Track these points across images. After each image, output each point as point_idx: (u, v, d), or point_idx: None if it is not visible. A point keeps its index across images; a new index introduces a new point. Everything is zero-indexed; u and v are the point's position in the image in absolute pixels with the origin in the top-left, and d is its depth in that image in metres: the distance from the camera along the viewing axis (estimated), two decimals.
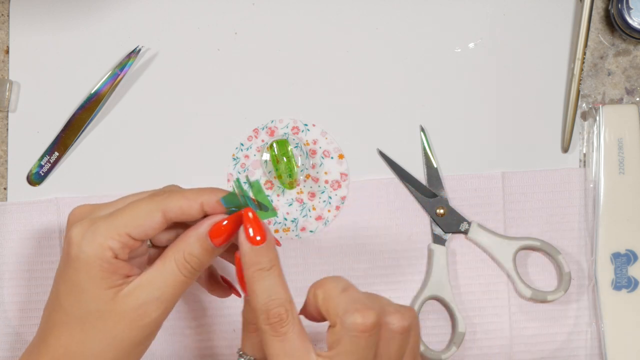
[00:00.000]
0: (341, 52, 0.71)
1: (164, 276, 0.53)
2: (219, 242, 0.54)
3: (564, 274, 0.67)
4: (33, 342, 0.56)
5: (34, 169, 0.70)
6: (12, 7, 0.72)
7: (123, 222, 0.53)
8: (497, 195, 0.69)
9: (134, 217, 0.53)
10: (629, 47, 0.71)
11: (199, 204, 0.54)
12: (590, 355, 0.68)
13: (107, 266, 0.52)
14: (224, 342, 0.69)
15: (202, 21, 0.71)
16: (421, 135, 0.70)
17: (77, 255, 0.52)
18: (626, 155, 0.68)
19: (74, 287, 0.53)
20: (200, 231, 0.54)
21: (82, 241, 0.52)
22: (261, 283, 0.52)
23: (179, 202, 0.53)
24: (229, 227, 0.54)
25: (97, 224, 0.53)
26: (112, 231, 0.52)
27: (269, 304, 0.52)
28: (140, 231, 0.53)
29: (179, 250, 0.54)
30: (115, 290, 0.53)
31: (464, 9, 0.71)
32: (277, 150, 0.68)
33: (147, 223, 0.53)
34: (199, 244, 0.54)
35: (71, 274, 0.53)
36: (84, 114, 0.70)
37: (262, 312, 0.52)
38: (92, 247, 0.52)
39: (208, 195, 0.54)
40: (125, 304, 0.53)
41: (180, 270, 0.54)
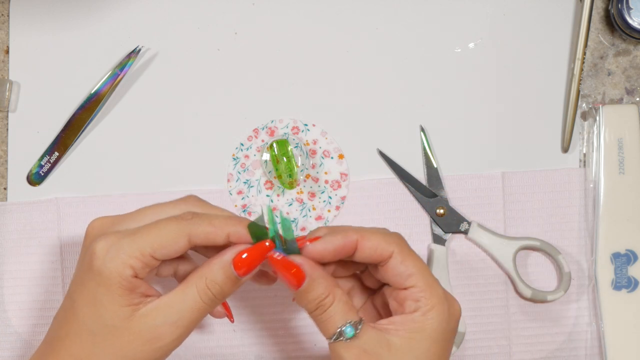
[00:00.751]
0: (341, 52, 0.71)
1: (183, 301, 0.53)
2: (242, 273, 0.53)
3: (564, 274, 0.67)
4: (41, 348, 0.55)
5: (34, 169, 0.70)
6: (12, 7, 0.72)
7: (149, 242, 0.52)
8: (497, 195, 0.69)
9: (160, 239, 0.53)
10: (629, 47, 0.71)
11: (226, 234, 0.53)
12: (590, 355, 0.68)
13: (126, 284, 0.52)
14: (224, 342, 0.69)
15: (202, 21, 0.71)
16: (421, 135, 0.70)
17: (100, 270, 0.52)
18: (626, 155, 0.68)
19: (92, 299, 0.53)
20: (225, 259, 0.53)
21: (107, 256, 0.52)
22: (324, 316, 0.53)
23: (205, 229, 0.53)
24: (254, 258, 0.53)
25: (122, 241, 0.52)
26: (137, 250, 0.52)
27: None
28: (164, 253, 0.53)
29: (201, 277, 0.53)
30: (133, 309, 0.52)
31: (464, 9, 0.71)
32: (277, 150, 0.68)
33: (172, 246, 0.53)
34: (222, 272, 0.53)
35: (91, 286, 0.53)
36: (84, 114, 0.70)
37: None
38: (115, 263, 0.52)
39: (235, 226, 0.54)
40: (141, 324, 0.52)
41: (201, 296, 0.53)
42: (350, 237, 0.53)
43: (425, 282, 0.53)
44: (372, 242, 0.53)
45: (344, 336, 0.52)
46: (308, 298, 0.53)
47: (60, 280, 0.69)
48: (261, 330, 0.69)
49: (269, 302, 0.69)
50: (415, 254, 0.54)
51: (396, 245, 0.53)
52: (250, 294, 0.69)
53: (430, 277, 0.53)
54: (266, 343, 0.69)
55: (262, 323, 0.69)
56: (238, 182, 0.70)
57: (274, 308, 0.69)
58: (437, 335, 0.53)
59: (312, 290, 0.53)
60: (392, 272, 0.53)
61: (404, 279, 0.53)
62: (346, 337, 0.52)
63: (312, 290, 0.53)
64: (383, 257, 0.53)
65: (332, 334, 0.53)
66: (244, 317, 0.69)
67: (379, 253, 0.53)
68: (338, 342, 0.52)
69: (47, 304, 0.69)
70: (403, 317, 0.53)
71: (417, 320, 0.52)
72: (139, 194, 0.70)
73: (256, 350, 0.69)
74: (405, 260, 0.53)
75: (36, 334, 0.69)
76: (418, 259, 0.54)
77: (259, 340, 0.69)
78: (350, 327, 0.52)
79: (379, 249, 0.53)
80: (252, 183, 0.70)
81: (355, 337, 0.52)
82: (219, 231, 0.53)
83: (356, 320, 0.53)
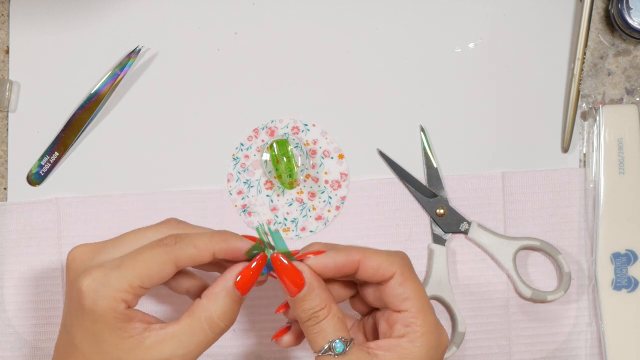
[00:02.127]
0: (341, 52, 0.71)
1: (192, 334, 0.53)
2: (246, 291, 0.54)
3: (564, 274, 0.67)
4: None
5: (34, 169, 0.70)
6: (12, 7, 0.72)
7: (135, 273, 0.52)
8: (497, 195, 0.69)
9: (146, 269, 0.52)
10: (629, 47, 0.71)
11: (211, 253, 0.53)
12: (590, 355, 0.68)
13: (121, 317, 0.52)
14: (224, 342, 0.69)
15: (202, 21, 0.71)
16: (421, 135, 0.70)
17: (92, 309, 0.52)
18: (626, 155, 0.68)
19: (92, 336, 0.52)
20: (228, 286, 0.54)
21: (96, 295, 0.52)
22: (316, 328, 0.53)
23: (190, 251, 0.53)
24: (254, 275, 0.54)
25: (109, 276, 0.52)
26: (125, 284, 0.52)
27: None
28: (152, 282, 0.53)
29: (208, 309, 0.53)
30: (137, 340, 0.52)
31: (464, 9, 0.71)
32: (277, 150, 0.68)
33: (159, 274, 0.53)
34: (229, 299, 0.54)
35: (88, 324, 0.52)
36: (84, 114, 0.70)
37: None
38: (106, 300, 0.52)
39: (220, 244, 0.54)
40: (148, 356, 0.52)
41: (212, 329, 0.53)
42: (353, 256, 0.53)
43: (419, 308, 0.53)
44: (375, 261, 0.53)
45: (333, 351, 0.52)
46: (303, 307, 0.53)
47: (60, 280, 0.69)
48: (261, 330, 0.69)
49: (269, 302, 0.69)
50: (416, 277, 0.54)
51: (399, 267, 0.53)
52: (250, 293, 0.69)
53: (425, 303, 0.53)
54: (266, 343, 0.69)
55: (262, 323, 0.69)
56: (238, 182, 0.70)
57: (273, 308, 0.69)
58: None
59: (309, 299, 0.52)
60: (389, 293, 0.53)
61: (399, 302, 0.53)
62: (335, 352, 0.52)
63: (309, 300, 0.52)
64: (384, 277, 0.53)
65: (321, 347, 0.53)
66: (244, 317, 0.69)
67: (380, 273, 0.53)
68: (326, 356, 0.52)
69: (47, 304, 0.69)
70: (391, 341, 0.53)
71: (405, 347, 0.52)
72: (139, 194, 0.70)
73: (256, 350, 0.69)
74: (404, 282, 0.53)
75: (36, 334, 0.69)
76: (417, 283, 0.54)
77: (259, 340, 0.69)
78: (340, 343, 0.52)
79: (381, 269, 0.53)
80: (252, 183, 0.70)
81: (344, 353, 0.52)
82: (204, 252, 0.53)
83: (347, 338, 0.52)
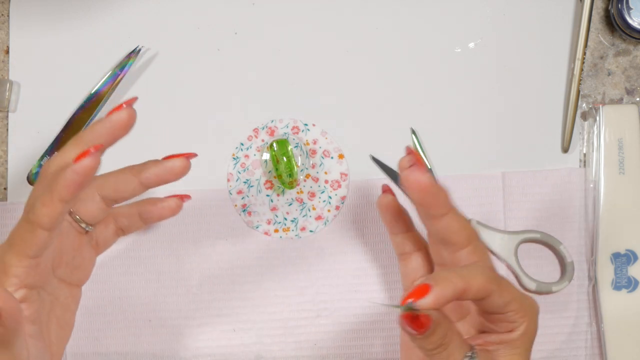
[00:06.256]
0: (341, 52, 0.71)
1: None
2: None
3: (567, 264, 0.67)
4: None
5: (34, 169, 0.70)
6: (12, 7, 0.72)
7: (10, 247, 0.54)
8: (497, 195, 0.69)
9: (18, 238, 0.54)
10: (629, 47, 0.71)
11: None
12: (591, 355, 0.68)
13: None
14: (224, 342, 0.69)
15: (202, 21, 0.71)
16: (412, 138, 0.70)
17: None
18: (626, 155, 0.68)
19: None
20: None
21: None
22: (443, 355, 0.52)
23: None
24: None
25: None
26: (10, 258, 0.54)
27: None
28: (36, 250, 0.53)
29: None
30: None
31: (464, 9, 0.71)
32: (277, 150, 0.68)
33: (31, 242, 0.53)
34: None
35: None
36: (84, 114, 0.70)
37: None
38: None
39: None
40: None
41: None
42: (459, 287, 0.50)
43: (519, 305, 0.53)
44: (476, 286, 0.51)
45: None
46: (430, 340, 0.51)
47: None
48: (261, 330, 0.69)
49: (269, 302, 0.69)
50: (506, 280, 0.53)
51: (495, 282, 0.52)
52: (250, 293, 0.69)
53: (521, 297, 0.53)
54: (266, 343, 0.69)
55: (262, 323, 0.69)
56: (238, 182, 0.70)
57: (274, 308, 0.69)
58: (531, 343, 0.54)
59: (435, 333, 0.51)
60: (490, 305, 0.52)
61: (501, 308, 0.52)
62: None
63: (435, 334, 0.51)
64: (485, 296, 0.52)
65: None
66: (244, 317, 0.69)
67: (481, 295, 0.52)
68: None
69: None
70: (500, 336, 0.53)
71: (516, 339, 0.53)
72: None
73: (256, 350, 0.69)
74: (502, 292, 0.52)
75: None
76: (510, 285, 0.53)
77: (259, 340, 0.69)
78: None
79: (482, 292, 0.51)
80: (252, 183, 0.70)
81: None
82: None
83: (471, 351, 0.52)
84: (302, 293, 0.69)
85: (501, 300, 0.52)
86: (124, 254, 0.69)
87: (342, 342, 0.69)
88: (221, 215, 0.69)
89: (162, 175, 0.58)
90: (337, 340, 0.69)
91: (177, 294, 0.69)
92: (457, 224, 0.55)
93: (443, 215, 0.54)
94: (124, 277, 0.69)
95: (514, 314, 0.53)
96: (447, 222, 0.55)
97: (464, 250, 0.55)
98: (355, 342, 0.69)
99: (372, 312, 0.69)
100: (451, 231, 0.55)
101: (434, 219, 0.55)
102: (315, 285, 0.69)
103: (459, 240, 0.55)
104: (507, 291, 0.52)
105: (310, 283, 0.69)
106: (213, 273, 0.69)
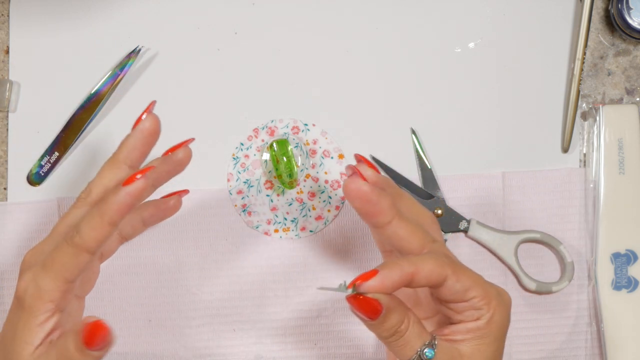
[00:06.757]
0: (341, 52, 0.71)
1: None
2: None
3: (566, 264, 0.67)
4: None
5: (34, 169, 0.70)
6: (12, 7, 0.72)
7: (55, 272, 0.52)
8: (497, 195, 0.69)
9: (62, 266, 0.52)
10: (629, 47, 0.71)
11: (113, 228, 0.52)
12: (591, 355, 0.68)
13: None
14: (224, 342, 0.69)
15: (202, 21, 0.71)
16: (412, 138, 0.70)
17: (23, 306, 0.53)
18: (626, 155, 0.68)
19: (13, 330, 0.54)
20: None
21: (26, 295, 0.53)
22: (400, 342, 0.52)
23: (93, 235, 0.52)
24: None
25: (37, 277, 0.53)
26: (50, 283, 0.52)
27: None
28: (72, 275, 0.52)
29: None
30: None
31: (464, 9, 0.71)
32: (277, 150, 0.68)
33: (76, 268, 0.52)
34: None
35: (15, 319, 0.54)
36: (84, 114, 0.70)
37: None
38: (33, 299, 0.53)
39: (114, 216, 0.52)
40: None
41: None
42: (407, 270, 0.50)
43: (483, 291, 0.52)
44: (426, 270, 0.51)
45: (424, 359, 0.51)
46: (384, 327, 0.51)
47: None
48: (261, 330, 0.69)
49: (269, 302, 0.69)
50: (464, 267, 0.53)
51: (448, 267, 0.52)
52: (250, 293, 0.69)
53: (484, 283, 0.53)
54: (266, 343, 0.69)
55: (262, 323, 0.69)
56: (238, 182, 0.70)
57: (274, 308, 0.69)
58: (501, 333, 0.53)
59: (389, 319, 0.51)
60: (449, 292, 0.52)
61: (462, 294, 0.52)
62: (426, 359, 0.51)
63: (389, 320, 0.51)
64: (439, 281, 0.52)
65: (409, 357, 0.52)
66: (243, 317, 0.69)
67: (434, 279, 0.51)
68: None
69: None
70: (467, 325, 0.52)
71: (482, 327, 0.52)
72: None
73: (256, 350, 0.69)
74: (459, 277, 0.52)
75: None
76: (468, 270, 0.53)
77: (259, 340, 0.69)
78: (429, 350, 0.51)
79: (434, 276, 0.51)
80: (252, 183, 0.70)
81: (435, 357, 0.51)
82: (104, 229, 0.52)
83: (430, 339, 0.52)
84: (302, 293, 0.69)
85: (459, 285, 0.51)
86: (124, 254, 0.69)
87: (342, 342, 0.69)
88: (221, 215, 0.69)
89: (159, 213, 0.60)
90: (337, 340, 0.69)
91: (177, 294, 0.69)
92: (404, 231, 0.53)
93: (388, 223, 0.53)
94: (124, 277, 0.69)
95: (477, 300, 0.52)
96: (394, 230, 0.53)
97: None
98: (355, 342, 0.69)
99: None
100: (400, 238, 0.53)
101: (380, 228, 0.53)
102: (315, 285, 0.69)
103: (411, 247, 0.53)
104: (465, 276, 0.52)
105: (310, 283, 0.69)
106: (213, 273, 0.69)
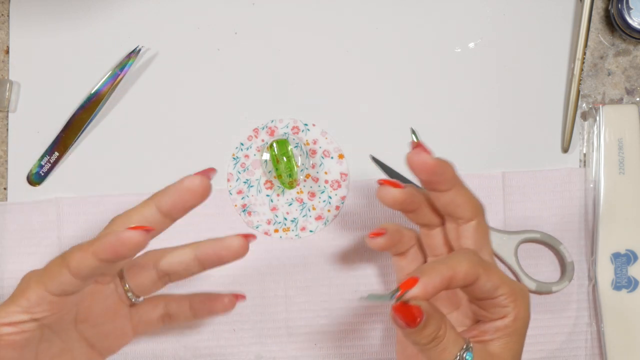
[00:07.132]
0: (341, 52, 0.71)
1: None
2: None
3: (567, 264, 0.67)
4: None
5: (34, 169, 0.70)
6: (12, 7, 0.72)
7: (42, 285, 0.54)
8: (497, 195, 0.69)
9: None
10: (629, 47, 0.71)
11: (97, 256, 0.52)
12: (591, 355, 0.68)
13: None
14: (224, 342, 0.69)
15: (202, 21, 0.71)
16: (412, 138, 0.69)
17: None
18: (626, 155, 0.68)
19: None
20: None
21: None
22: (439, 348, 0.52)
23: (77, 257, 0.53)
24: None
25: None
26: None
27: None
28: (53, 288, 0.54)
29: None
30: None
31: (464, 9, 0.71)
32: (277, 150, 0.68)
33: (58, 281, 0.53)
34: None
35: None
36: (84, 114, 0.70)
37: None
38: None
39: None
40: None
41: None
42: (446, 274, 0.51)
43: (509, 289, 0.53)
44: (462, 272, 0.51)
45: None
46: (423, 333, 0.51)
47: None
48: (261, 330, 0.69)
49: (269, 302, 0.69)
50: (493, 264, 0.55)
51: (480, 266, 0.52)
52: (250, 293, 0.69)
53: (510, 281, 0.54)
54: (266, 343, 0.69)
55: (262, 323, 0.69)
56: (238, 182, 0.70)
57: (274, 308, 0.69)
58: (525, 329, 0.55)
59: (429, 326, 0.51)
60: (479, 290, 0.53)
61: (491, 292, 0.53)
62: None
63: (429, 326, 0.51)
64: (472, 281, 0.52)
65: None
66: (244, 317, 0.69)
67: (469, 280, 0.52)
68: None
69: None
70: (495, 324, 0.54)
71: (510, 325, 0.54)
72: (139, 193, 0.70)
73: (256, 350, 0.69)
74: (490, 276, 0.53)
75: None
76: (496, 268, 0.54)
77: (259, 340, 0.69)
78: (468, 354, 0.52)
79: (469, 277, 0.52)
80: (252, 183, 0.70)
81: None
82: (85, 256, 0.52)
83: (466, 344, 0.52)
84: (302, 293, 0.69)
85: (490, 283, 0.53)
86: None
87: (342, 342, 0.69)
88: (221, 215, 0.69)
89: (218, 251, 0.57)
90: (337, 340, 0.69)
91: None
92: (462, 198, 0.56)
93: (448, 189, 0.55)
94: None
95: (504, 298, 0.53)
96: (452, 196, 0.55)
97: (468, 224, 0.56)
98: (355, 342, 0.69)
99: (372, 311, 0.69)
100: (456, 204, 0.56)
101: (440, 193, 0.56)
102: (315, 285, 0.69)
103: (464, 213, 0.56)
104: (494, 274, 0.53)
105: (310, 283, 0.69)
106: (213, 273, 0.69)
